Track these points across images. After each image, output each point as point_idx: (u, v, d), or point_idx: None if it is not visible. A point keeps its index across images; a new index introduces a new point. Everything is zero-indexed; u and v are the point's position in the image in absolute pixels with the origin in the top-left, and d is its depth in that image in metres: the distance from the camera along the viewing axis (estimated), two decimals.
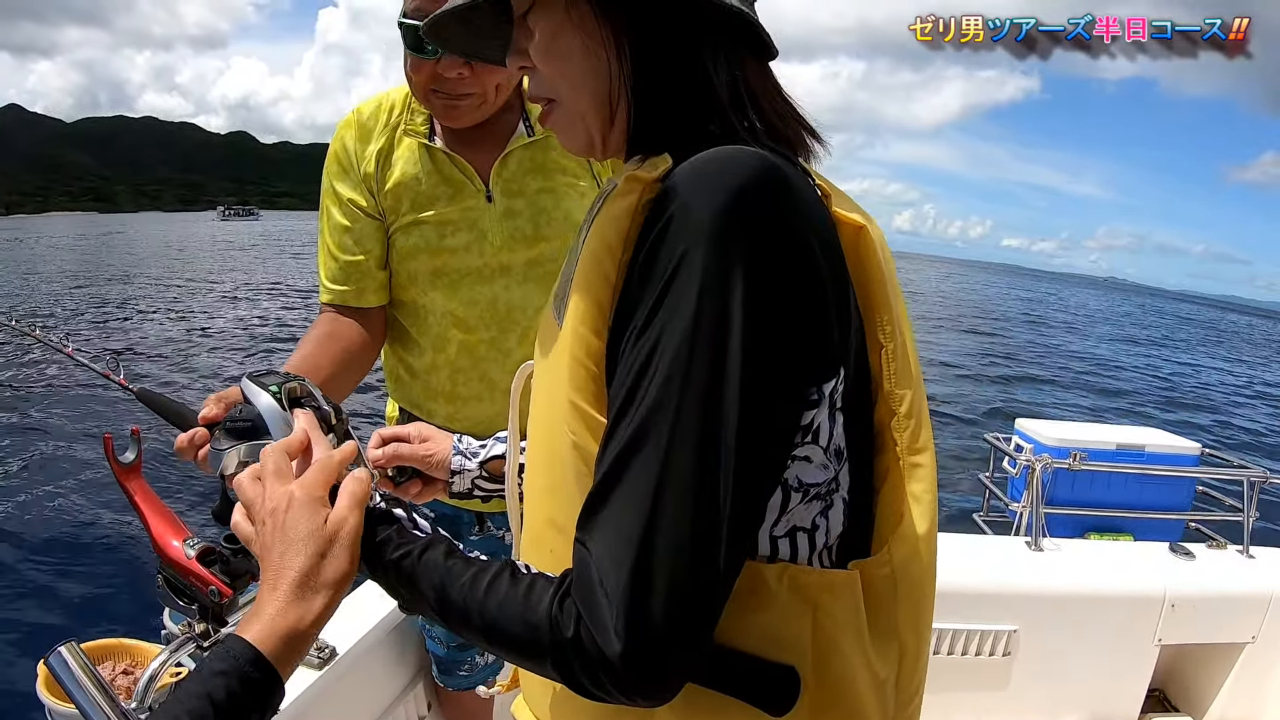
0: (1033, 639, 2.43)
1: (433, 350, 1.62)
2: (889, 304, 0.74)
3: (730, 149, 0.66)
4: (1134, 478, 3.53)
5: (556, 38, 0.76)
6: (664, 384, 0.61)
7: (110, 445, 1.28)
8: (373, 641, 1.74)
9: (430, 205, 1.56)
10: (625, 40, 0.73)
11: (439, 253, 1.56)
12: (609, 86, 0.75)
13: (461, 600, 0.70)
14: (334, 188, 1.62)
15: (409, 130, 1.59)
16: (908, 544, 0.74)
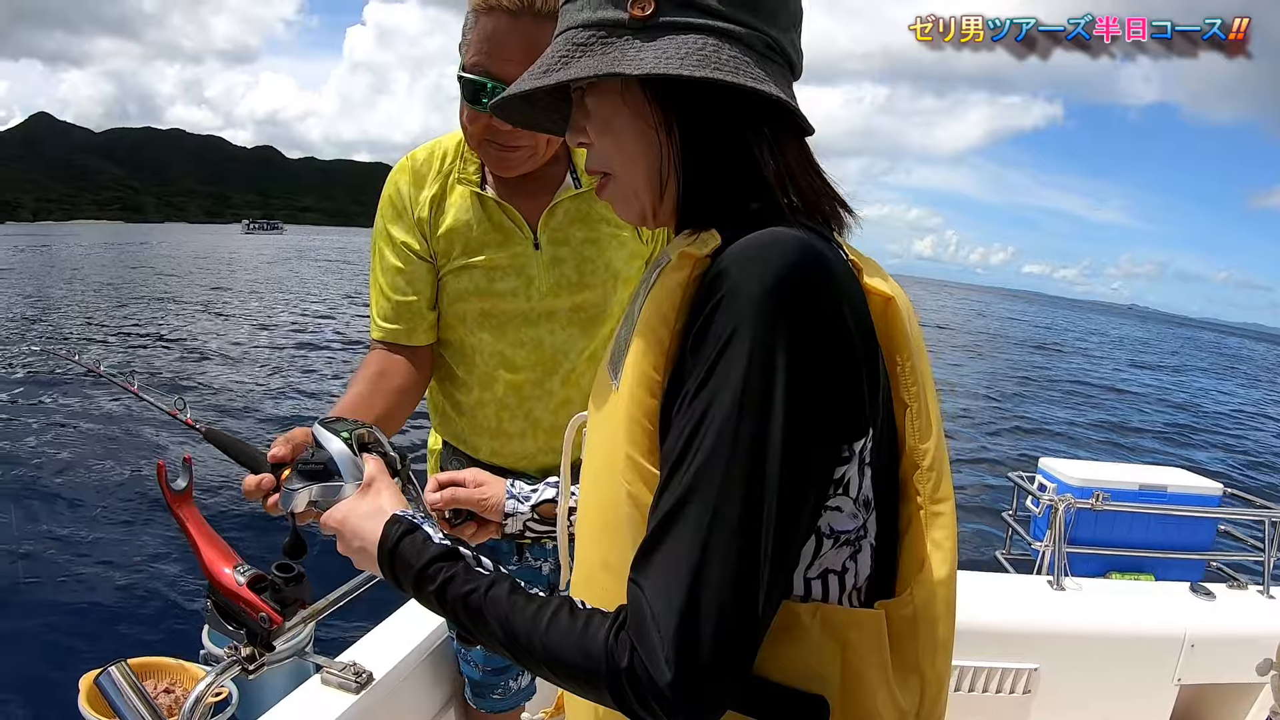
0: (1053, 677, 2.45)
1: (479, 388, 1.68)
2: (914, 367, 0.81)
3: (774, 232, 0.73)
4: (1156, 518, 3.52)
5: (612, 119, 0.83)
6: (714, 444, 0.68)
7: (163, 473, 1.33)
8: (409, 666, 1.78)
9: (480, 250, 1.62)
10: (675, 123, 0.80)
11: (488, 296, 1.63)
12: (660, 165, 0.82)
13: (525, 633, 0.76)
14: (388, 230, 1.68)
15: (461, 178, 1.65)
16: (928, 587, 0.80)
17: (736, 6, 0.79)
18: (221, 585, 1.29)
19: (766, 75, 0.78)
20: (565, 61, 0.80)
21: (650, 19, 0.78)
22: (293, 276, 43.49)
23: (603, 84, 0.83)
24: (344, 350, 17.83)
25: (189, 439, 1.53)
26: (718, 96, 0.78)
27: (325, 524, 1.00)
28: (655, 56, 0.77)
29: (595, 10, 0.81)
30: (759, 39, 0.80)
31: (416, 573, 0.85)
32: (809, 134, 0.84)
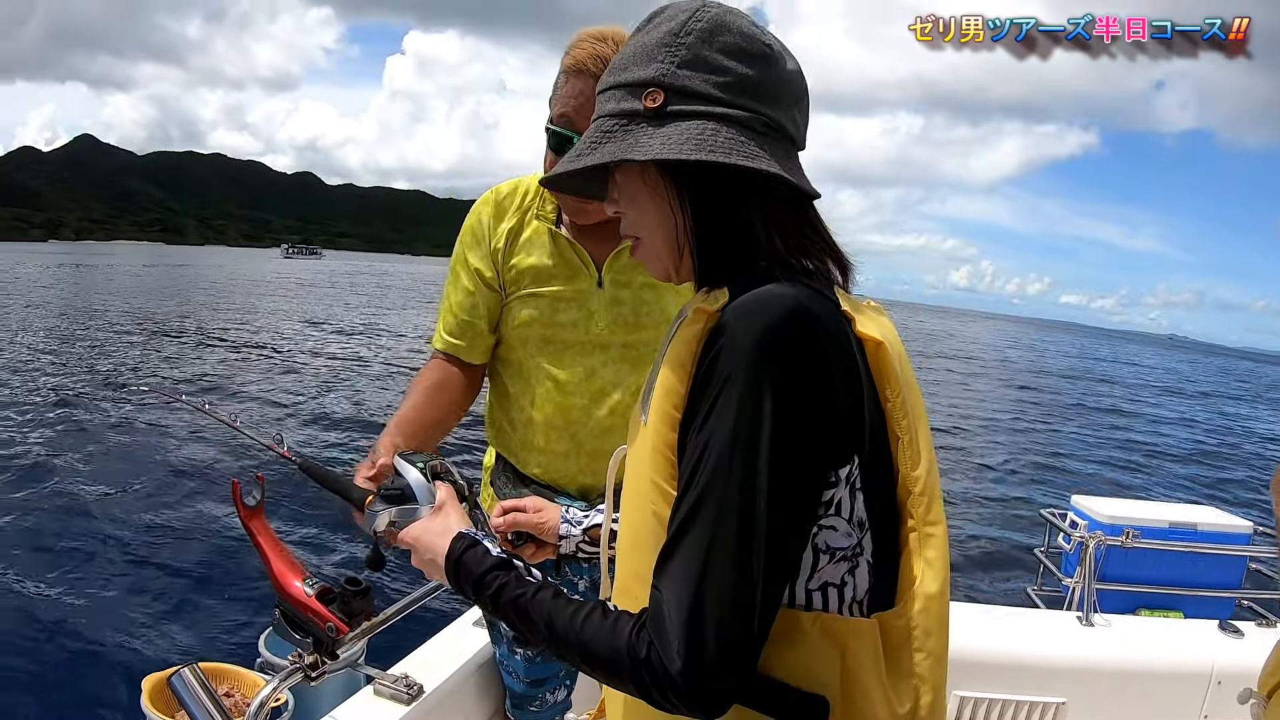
0: (1080, 712, 2.47)
1: (532, 407, 1.81)
2: (904, 402, 0.92)
3: (768, 291, 0.86)
4: (1186, 555, 3.54)
5: (635, 193, 0.98)
6: (713, 472, 0.82)
7: (238, 490, 1.43)
8: (457, 680, 1.88)
9: (548, 282, 1.78)
10: (686, 198, 0.94)
11: (549, 324, 1.77)
12: (676, 232, 0.96)
13: (564, 630, 0.90)
14: (465, 255, 1.85)
15: (539, 215, 1.80)
16: (921, 600, 0.91)
17: (736, 93, 0.92)
18: (291, 596, 1.38)
19: (764, 152, 0.90)
20: (594, 146, 0.95)
21: (661, 109, 0.92)
22: (339, 302, 44.04)
23: (625, 164, 0.96)
24: (402, 376, 18.21)
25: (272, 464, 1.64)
26: (719, 173, 0.91)
27: (402, 540, 1.16)
28: (661, 142, 0.90)
29: (619, 102, 0.95)
30: (757, 120, 0.92)
31: (476, 580, 1.00)
32: (814, 197, 0.96)
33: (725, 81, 0.91)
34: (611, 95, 0.97)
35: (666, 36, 0.93)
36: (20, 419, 11.03)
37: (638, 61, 0.95)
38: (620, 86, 0.96)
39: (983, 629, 2.49)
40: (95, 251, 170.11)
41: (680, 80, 0.92)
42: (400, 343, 26.09)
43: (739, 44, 0.92)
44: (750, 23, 0.95)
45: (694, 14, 0.94)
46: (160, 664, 1.93)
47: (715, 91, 0.91)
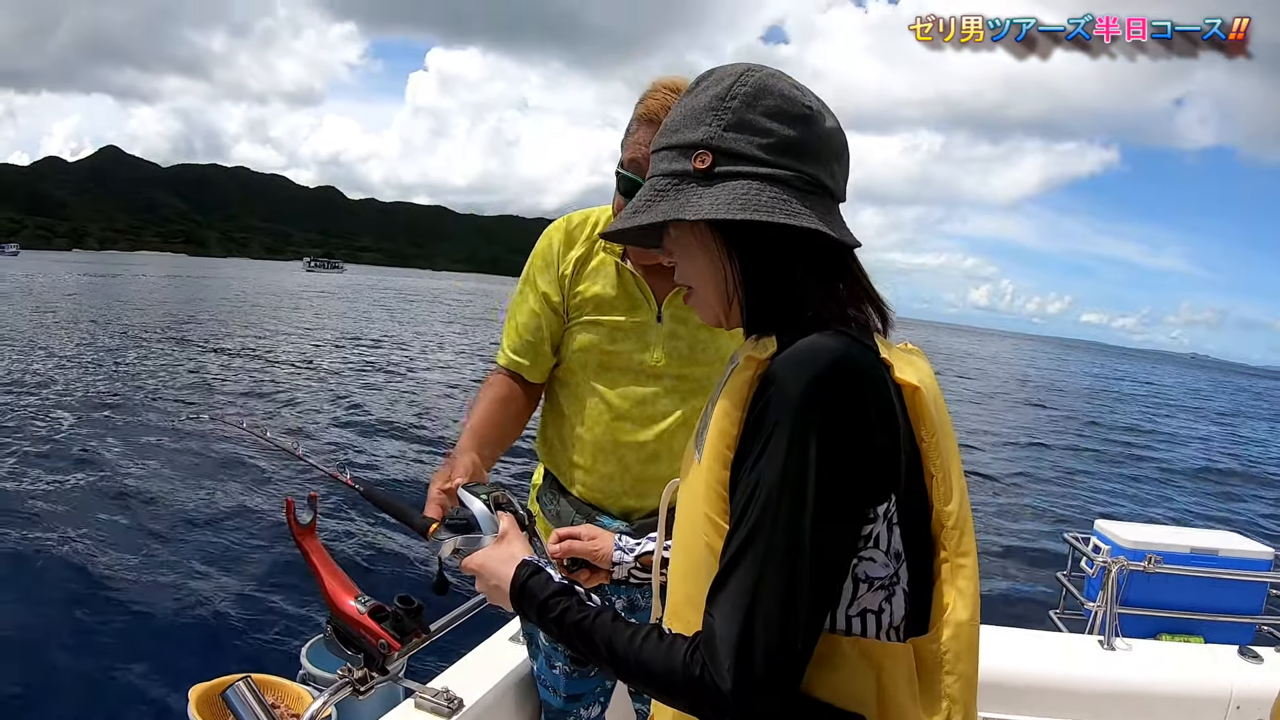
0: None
1: (584, 429, 1.89)
2: (938, 443, 0.98)
3: (814, 343, 0.92)
4: (1207, 580, 3.55)
5: (688, 247, 1.05)
6: (762, 510, 0.89)
7: (291, 509, 1.49)
8: (495, 693, 1.94)
9: (610, 311, 1.87)
10: (734, 253, 1.01)
11: (608, 352, 1.87)
12: (725, 284, 1.03)
13: (624, 650, 0.97)
14: (534, 278, 1.94)
15: (607, 248, 1.90)
16: (953, 626, 0.97)
17: (779, 153, 0.98)
18: (343, 613, 1.45)
19: (806, 208, 0.96)
20: (649, 205, 1.02)
21: (709, 169, 0.99)
22: (364, 317, 44.29)
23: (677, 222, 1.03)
24: (437, 387, 18.39)
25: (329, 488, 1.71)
26: (764, 229, 0.97)
27: (466, 566, 1.24)
28: (710, 202, 0.97)
29: (671, 163, 1.02)
30: (798, 178, 0.98)
31: (540, 604, 1.07)
32: (855, 246, 1.03)
33: (768, 143, 0.98)
34: (664, 156, 1.04)
35: (714, 100, 1.00)
36: (74, 428, 11.27)
37: (687, 124, 1.02)
38: (672, 148, 1.03)
39: (1005, 651, 2.52)
40: (120, 261, 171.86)
41: (727, 143, 0.98)
42: (435, 355, 26.39)
43: (781, 106, 0.99)
44: (791, 85, 1.01)
45: (739, 79, 1.01)
46: (202, 673, 2.00)
47: (759, 153, 0.98)
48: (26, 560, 6.52)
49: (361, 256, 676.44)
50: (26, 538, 6.93)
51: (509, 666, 2.01)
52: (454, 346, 30.92)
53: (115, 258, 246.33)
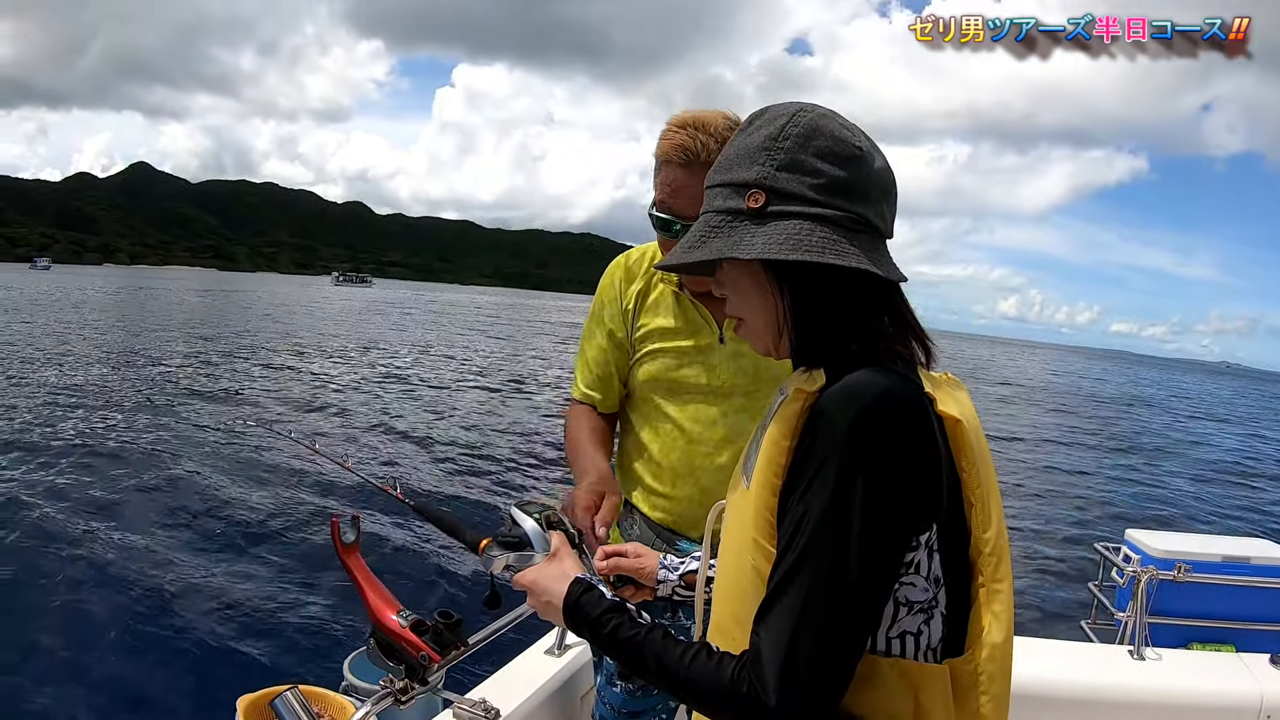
0: None
1: (659, 454, 1.97)
2: (978, 473, 1.02)
3: (861, 379, 0.96)
4: (1239, 589, 3.53)
5: (739, 281, 1.09)
6: (810, 538, 0.93)
7: (337, 528, 1.54)
8: (532, 704, 1.99)
9: (674, 338, 1.95)
10: (786, 289, 1.05)
11: (676, 376, 1.94)
12: (776, 318, 1.07)
13: (673, 666, 1.01)
14: (600, 314, 2.05)
15: (664, 278, 1.98)
16: (988, 648, 1.01)
17: (829, 194, 1.01)
18: (386, 627, 1.50)
19: (855, 247, 1.00)
20: (703, 241, 1.06)
21: (762, 209, 1.02)
22: (397, 329, 44.77)
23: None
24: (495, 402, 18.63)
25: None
26: (814, 268, 1.01)
27: (518, 583, 1.28)
28: (764, 242, 1.00)
29: (725, 200, 1.06)
30: (847, 218, 1.01)
31: (593, 621, 1.12)
32: (902, 281, 1.07)
33: (819, 184, 1.01)
34: (719, 193, 1.07)
35: (767, 140, 1.04)
36: (121, 439, 11.47)
37: (741, 163, 1.06)
38: (726, 185, 1.07)
39: (1037, 662, 2.53)
40: (151, 276, 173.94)
41: (779, 182, 1.02)
42: (471, 368, 26.55)
43: (831, 148, 1.02)
44: (841, 125, 1.05)
45: (791, 119, 1.04)
46: (244, 684, 2.04)
47: (810, 193, 1.01)
48: (77, 571, 6.66)
49: (389, 271, 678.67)
50: (77, 548, 7.09)
51: (545, 677, 2.06)
52: (488, 358, 31.12)
53: (146, 272, 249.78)
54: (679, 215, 1.78)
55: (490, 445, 13.42)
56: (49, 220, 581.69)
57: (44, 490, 8.73)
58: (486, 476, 11.25)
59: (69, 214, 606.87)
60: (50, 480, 9.17)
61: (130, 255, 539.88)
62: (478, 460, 12.21)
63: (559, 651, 2.19)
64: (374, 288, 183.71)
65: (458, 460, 12.11)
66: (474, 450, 12.92)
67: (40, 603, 6.07)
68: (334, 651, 5.24)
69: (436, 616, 1.49)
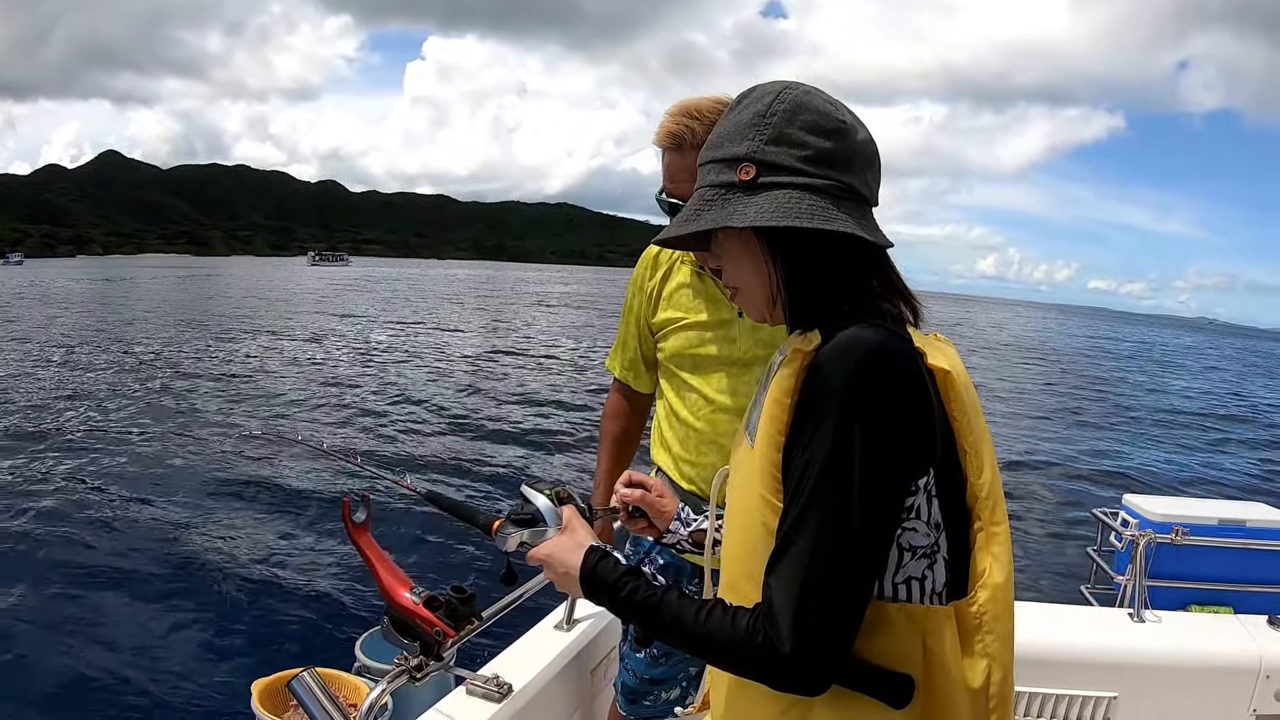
0: (1131, 706, 2.52)
1: (687, 423, 2.08)
2: (969, 421, 1.07)
3: (854, 335, 1.01)
4: (1236, 552, 3.57)
5: (734, 252, 1.15)
6: (814, 489, 0.97)
7: (347, 508, 1.54)
8: (544, 678, 2.01)
9: (697, 314, 2.06)
10: (778, 256, 1.11)
11: (699, 349, 2.05)
12: (769, 285, 1.13)
13: (690, 623, 1.05)
14: (630, 303, 2.21)
15: (684, 260, 2.09)
16: (989, 589, 1.06)
17: (816, 164, 1.07)
18: (399, 604, 1.50)
19: (842, 214, 1.06)
20: (698, 214, 1.12)
21: (753, 181, 1.08)
22: (379, 309, 44.68)
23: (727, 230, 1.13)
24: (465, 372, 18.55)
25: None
26: (804, 234, 1.07)
27: (533, 557, 1.31)
28: (756, 211, 1.06)
29: (717, 175, 1.12)
30: (834, 186, 1.07)
31: (609, 586, 1.16)
32: (888, 247, 1.12)
33: (806, 155, 1.07)
34: (711, 168, 1.14)
35: (755, 117, 1.10)
36: (123, 436, 11.57)
37: (731, 139, 1.12)
38: (718, 161, 1.13)
39: (1037, 626, 2.56)
40: (126, 265, 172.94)
41: (769, 155, 1.08)
42: (459, 342, 26.71)
43: (817, 121, 1.09)
44: (825, 100, 1.11)
45: (777, 96, 1.11)
46: (254, 669, 2.05)
47: (798, 164, 1.07)
48: (89, 560, 6.81)
49: (366, 249, 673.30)
50: (87, 539, 7.26)
51: (555, 652, 2.08)
52: (472, 332, 31.10)
53: (120, 262, 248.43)
54: (682, 198, 1.88)
55: (494, 424, 13.62)
56: (19, 215, 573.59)
57: (50, 483, 8.94)
58: (493, 458, 11.38)
59: (39, 207, 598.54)
60: (57, 472, 9.38)
61: (104, 246, 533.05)
62: (482, 442, 12.36)
63: (568, 626, 2.21)
64: (351, 266, 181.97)
65: (463, 444, 12.22)
66: (478, 431, 13.07)
67: (54, 592, 6.20)
68: (343, 634, 5.37)
69: (450, 591, 1.50)
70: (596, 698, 2.29)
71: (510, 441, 12.39)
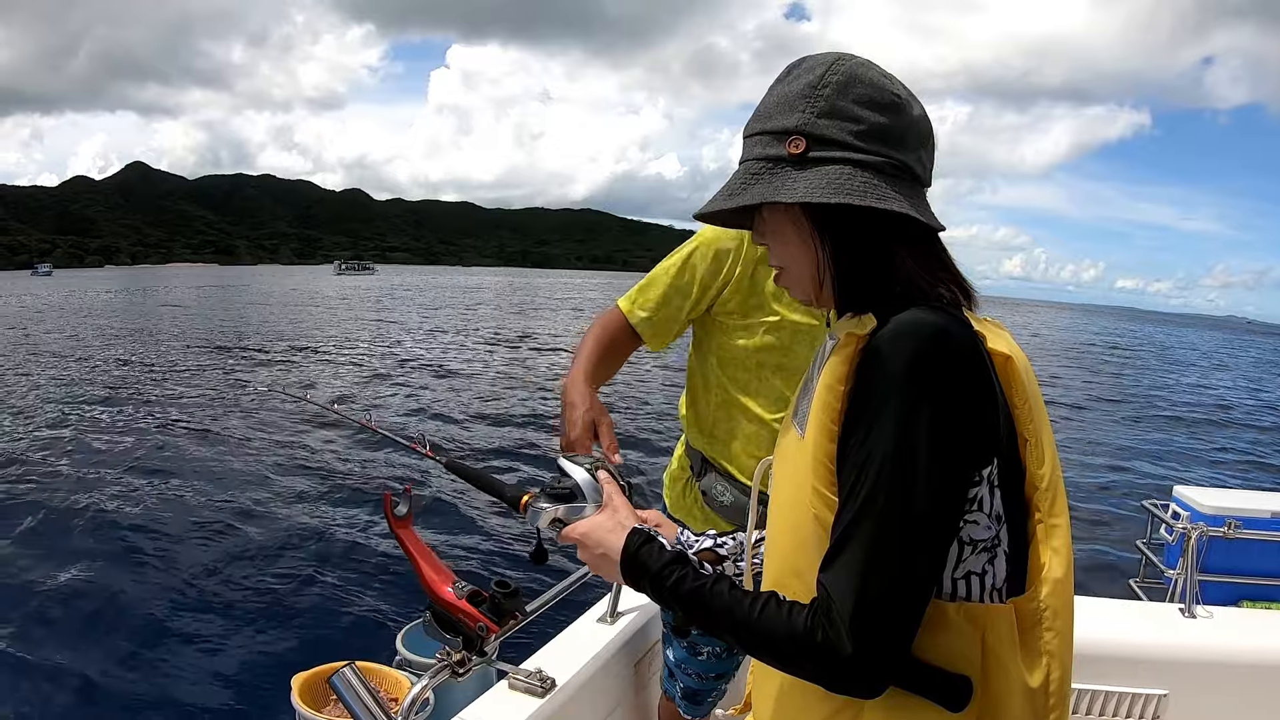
0: (1182, 704, 2.47)
1: (764, 421, 1.95)
2: (1030, 409, 1.02)
3: (914, 317, 0.96)
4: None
5: (781, 229, 1.10)
6: (875, 481, 0.92)
7: (389, 502, 1.52)
8: (587, 672, 1.99)
9: (792, 312, 1.89)
10: (827, 235, 1.06)
11: (785, 356, 1.91)
12: (817, 265, 1.08)
13: (744, 618, 1.00)
14: (698, 261, 1.93)
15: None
16: (1049, 584, 1.01)
17: (869, 139, 1.02)
18: (442, 600, 1.47)
19: (894, 191, 1.01)
20: (744, 187, 1.06)
21: (803, 154, 1.03)
22: (406, 315, 45.15)
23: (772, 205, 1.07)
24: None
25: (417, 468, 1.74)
26: (855, 213, 1.01)
27: (568, 536, 1.25)
28: (805, 187, 1.01)
29: (765, 148, 1.06)
30: (887, 164, 1.02)
31: (654, 573, 1.09)
32: (940, 230, 1.07)
33: (860, 130, 1.02)
34: (758, 141, 1.08)
35: (806, 88, 1.05)
36: (161, 432, 11.87)
37: (781, 110, 1.06)
38: (765, 133, 1.07)
39: (1085, 621, 2.46)
40: (154, 275, 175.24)
41: (820, 129, 1.03)
42: (486, 344, 26.79)
43: (871, 95, 1.03)
44: (880, 74, 1.06)
45: (830, 67, 1.05)
46: (295, 663, 2.04)
47: (851, 139, 1.02)
48: (129, 558, 6.90)
49: (391, 256, 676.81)
50: (126, 537, 7.34)
51: (598, 646, 2.06)
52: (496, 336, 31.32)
53: (148, 272, 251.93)
54: None
55: (522, 411, 13.81)
56: (48, 226, 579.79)
57: (92, 481, 9.10)
58: (521, 441, 11.57)
59: (68, 218, 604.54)
60: (97, 472, 9.52)
61: (131, 256, 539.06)
62: (511, 427, 12.57)
63: (612, 619, 2.19)
64: (377, 274, 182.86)
65: (491, 428, 12.49)
66: (508, 418, 13.29)
67: (97, 588, 6.26)
68: (384, 628, 5.44)
69: (493, 586, 1.47)
70: (642, 691, 2.26)
71: (540, 429, 12.49)
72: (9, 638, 5.39)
